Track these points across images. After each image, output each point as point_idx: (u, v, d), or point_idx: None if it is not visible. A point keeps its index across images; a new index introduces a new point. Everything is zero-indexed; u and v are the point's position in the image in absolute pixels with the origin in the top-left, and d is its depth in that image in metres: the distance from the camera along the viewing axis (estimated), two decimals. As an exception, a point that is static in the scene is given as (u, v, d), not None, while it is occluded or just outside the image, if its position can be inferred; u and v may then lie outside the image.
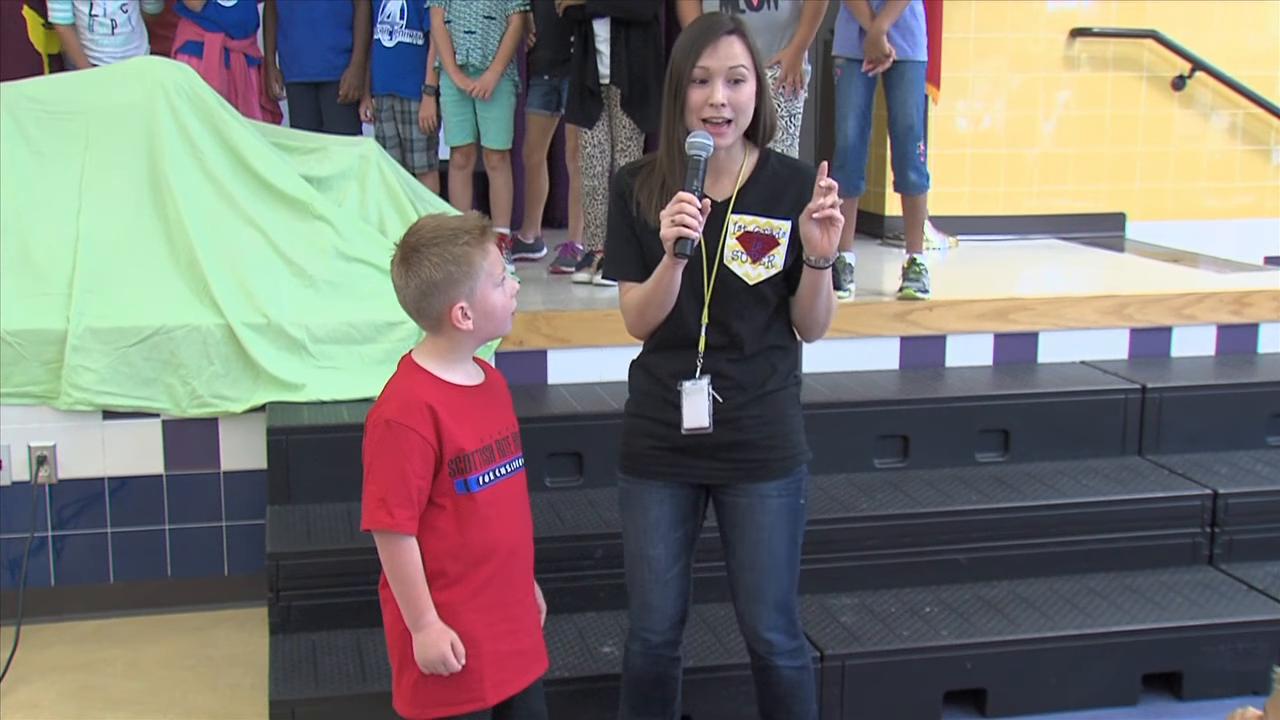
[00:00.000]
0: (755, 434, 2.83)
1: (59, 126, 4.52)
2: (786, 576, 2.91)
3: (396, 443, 2.52)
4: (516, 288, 2.67)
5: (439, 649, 2.54)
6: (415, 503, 2.53)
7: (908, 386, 4.62)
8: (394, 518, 2.51)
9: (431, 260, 2.53)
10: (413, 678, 2.64)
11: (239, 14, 5.63)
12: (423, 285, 2.55)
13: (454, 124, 5.56)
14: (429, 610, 2.56)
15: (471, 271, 2.55)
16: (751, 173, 2.81)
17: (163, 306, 4.27)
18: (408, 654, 2.62)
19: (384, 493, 2.52)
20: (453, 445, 2.55)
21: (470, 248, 2.54)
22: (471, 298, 2.56)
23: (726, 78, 2.72)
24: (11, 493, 4.23)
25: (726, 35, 2.73)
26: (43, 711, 3.71)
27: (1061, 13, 6.60)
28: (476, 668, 2.60)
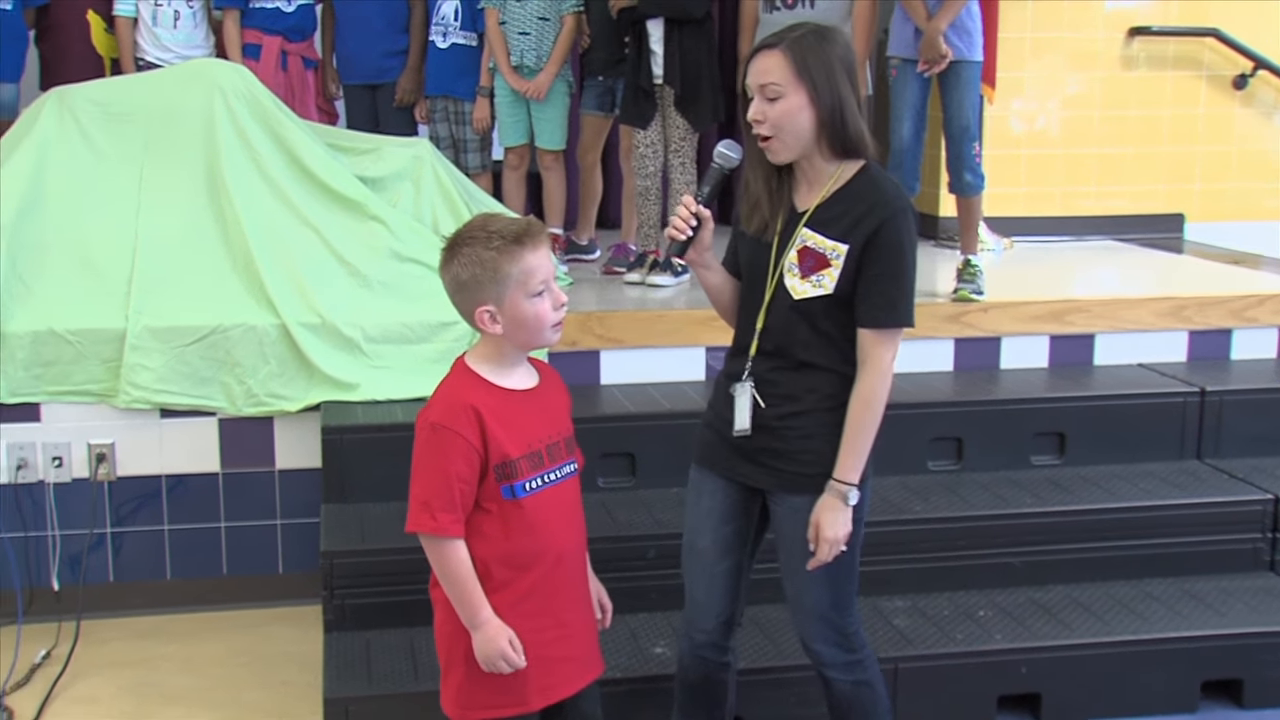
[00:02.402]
0: (792, 445, 2.80)
1: (119, 128, 4.58)
2: (826, 590, 2.86)
3: (441, 446, 2.52)
4: (562, 300, 2.60)
5: (497, 645, 2.53)
6: (459, 506, 2.52)
7: (962, 388, 4.59)
8: (436, 521, 2.51)
9: (461, 259, 2.53)
10: (458, 678, 2.64)
11: (297, 18, 5.67)
12: (452, 283, 2.56)
13: (508, 125, 5.58)
14: (484, 608, 2.54)
15: (497, 277, 2.51)
16: (839, 188, 2.76)
17: (219, 306, 4.31)
18: (455, 654, 2.62)
19: (427, 496, 2.52)
20: (498, 451, 2.53)
21: (499, 253, 2.50)
22: (499, 304, 2.53)
23: (762, 94, 2.71)
24: (72, 489, 4.28)
25: (763, 51, 2.72)
26: (101, 706, 3.75)
27: (1120, 12, 6.53)
28: (521, 673, 2.59)
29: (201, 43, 5.66)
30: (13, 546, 4.23)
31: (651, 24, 5.02)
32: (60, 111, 4.56)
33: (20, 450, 4.22)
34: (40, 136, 4.51)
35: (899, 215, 2.71)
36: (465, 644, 2.58)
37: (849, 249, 2.71)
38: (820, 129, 2.71)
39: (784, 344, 2.79)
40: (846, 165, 2.77)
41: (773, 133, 2.70)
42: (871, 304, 2.71)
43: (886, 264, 2.70)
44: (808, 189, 2.80)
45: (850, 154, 2.76)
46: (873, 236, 2.69)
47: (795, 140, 2.71)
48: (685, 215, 2.72)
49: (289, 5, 5.64)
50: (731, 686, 3.09)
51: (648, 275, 5.15)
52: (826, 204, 2.76)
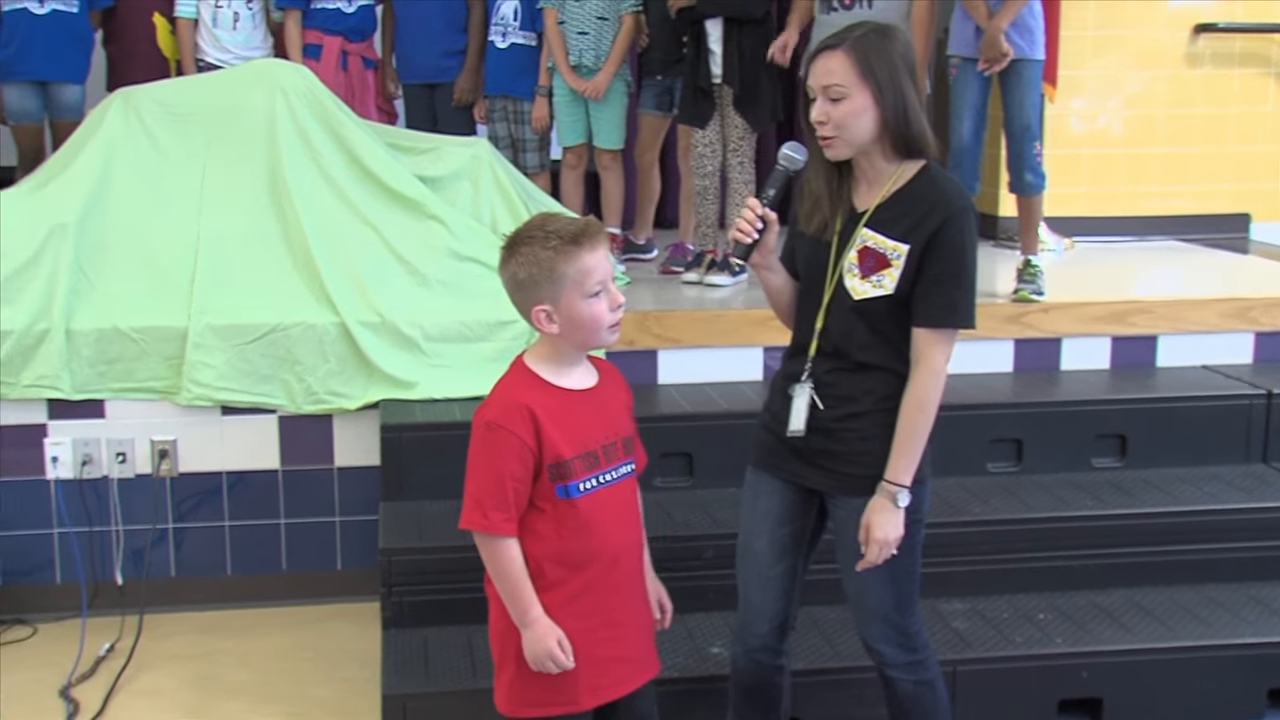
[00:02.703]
0: (849, 447, 2.79)
1: (183, 128, 4.63)
2: (888, 590, 2.85)
3: (495, 444, 2.51)
4: (620, 301, 2.58)
5: (546, 645, 2.53)
6: (512, 504, 2.52)
7: (1022, 389, 4.55)
8: (488, 519, 2.51)
9: (519, 258, 2.52)
10: (510, 675, 2.64)
11: (358, 18, 5.71)
12: (510, 281, 2.55)
13: (566, 124, 5.59)
14: (534, 607, 2.54)
15: (553, 277, 2.49)
16: (899, 188, 2.74)
17: (280, 305, 4.35)
18: (508, 651, 2.63)
19: (480, 494, 2.52)
20: (552, 451, 2.52)
21: (555, 253, 2.49)
22: (555, 304, 2.51)
23: (825, 95, 2.69)
24: (135, 485, 4.33)
25: (824, 52, 2.70)
26: (164, 699, 3.80)
27: (1185, 9, 6.44)
28: (572, 672, 2.58)
29: (260, 44, 5.72)
30: (78, 541, 4.29)
31: (710, 24, 5.01)
32: (125, 112, 4.62)
33: (85, 446, 4.28)
34: (106, 136, 4.57)
35: (961, 215, 2.69)
36: (517, 641, 2.58)
37: (910, 249, 2.69)
38: (883, 129, 2.69)
39: (843, 345, 2.78)
40: (907, 165, 2.75)
41: (836, 133, 2.69)
42: (930, 303, 2.69)
43: (947, 264, 2.68)
44: (867, 189, 2.78)
45: (912, 154, 2.74)
46: (934, 236, 2.67)
47: (859, 140, 2.70)
48: (751, 218, 2.71)
49: (349, 6, 5.68)
50: (786, 689, 3.07)
51: (705, 275, 5.15)
52: (887, 204, 2.74)
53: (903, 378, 2.74)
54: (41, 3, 5.35)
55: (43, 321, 4.22)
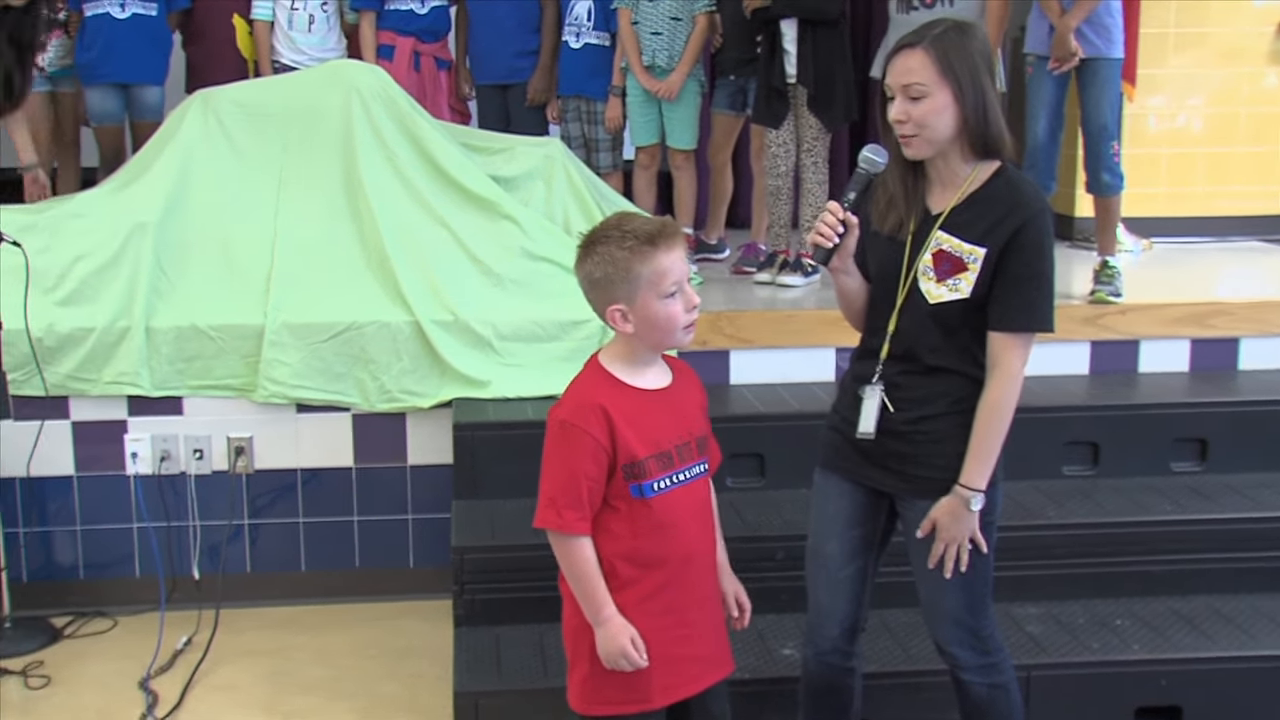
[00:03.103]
0: (921, 450, 2.76)
1: (260, 129, 4.69)
2: (961, 594, 2.82)
3: (569, 443, 2.52)
4: (695, 301, 2.57)
5: (619, 643, 2.53)
6: (586, 503, 2.52)
7: (1098, 392, 4.49)
8: (562, 518, 2.51)
9: (595, 257, 2.52)
10: (583, 673, 2.64)
11: (431, 19, 5.75)
12: (585, 280, 2.55)
13: (640, 124, 5.59)
14: (607, 605, 2.55)
15: (628, 277, 2.49)
16: (975, 190, 2.71)
17: (354, 303, 4.39)
18: (580, 648, 2.63)
19: (554, 493, 2.52)
20: (625, 451, 2.53)
21: (631, 253, 2.49)
22: (630, 304, 2.51)
23: (904, 94, 2.67)
24: (211, 481, 4.39)
25: (904, 50, 2.67)
26: (239, 693, 3.84)
27: (1269, 6, 6.33)
28: (645, 671, 2.58)
29: (334, 45, 5.78)
30: (156, 536, 4.35)
31: (785, 24, 4.99)
32: (205, 113, 4.68)
33: (164, 442, 4.34)
34: (186, 137, 4.64)
35: (1039, 217, 2.66)
36: (591, 638, 2.59)
37: (987, 252, 2.66)
38: (962, 127, 2.66)
39: (915, 348, 2.75)
40: (982, 166, 2.72)
41: (916, 131, 2.66)
42: (1007, 306, 2.66)
43: (1025, 267, 2.65)
44: (941, 190, 2.76)
45: (989, 154, 2.71)
46: (1011, 239, 2.64)
47: (939, 138, 2.67)
48: (832, 222, 2.68)
49: (422, 7, 5.72)
50: (857, 692, 3.05)
51: (778, 275, 5.13)
52: (962, 206, 2.71)
53: (975, 381, 2.72)
54: (122, 7, 5.44)
55: (123, 320, 4.29)
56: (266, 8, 5.66)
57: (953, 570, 2.74)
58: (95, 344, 4.26)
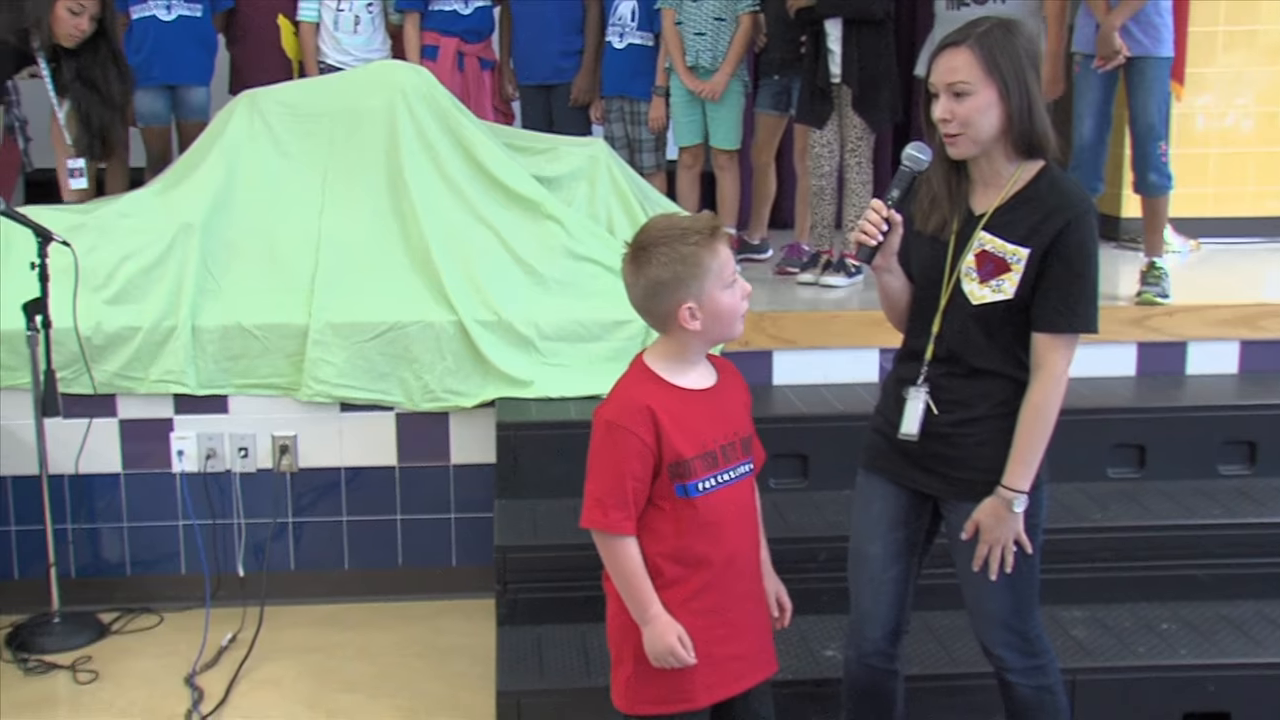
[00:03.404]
0: (965, 453, 2.75)
1: (305, 129, 4.71)
2: (1007, 596, 2.81)
3: (615, 444, 2.52)
4: (748, 290, 2.60)
5: (666, 641, 2.53)
6: (631, 504, 2.53)
7: (1145, 394, 4.45)
8: (608, 518, 2.52)
9: (659, 259, 2.51)
10: (627, 672, 2.64)
11: (475, 19, 5.76)
12: (650, 284, 2.53)
13: (683, 124, 5.58)
14: (653, 604, 2.55)
15: (699, 271, 2.50)
16: (1018, 190, 2.70)
17: (398, 303, 4.40)
18: (625, 648, 2.63)
19: (600, 493, 2.53)
20: (671, 450, 2.53)
21: (699, 247, 2.50)
22: (700, 298, 2.52)
23: (949, 92, 2.65)
24: (256, 480, 4.42)
25: (949, 48, 2.66)
26: (283, 689, 3.86)
27: (1321, 5, 6.26)
28: (689, 670, 2.58)
29: (380, 46, 5.80)
30: (202, 533, 4.39)
31: (829, 24, 4.97)
32: (251, 113, 4.71)
33: (209, 440, 4.37)
34: (232, 138, 4.67)
35: (1083, 218, 2.64)
36: (636, 637, 2.59)
37: (1030, 253, 2.65)
38: (1007, 126, 2.65)
39: (958, 349, 2.74)
40: (1026, 166, 2.71)
41: (961, 130, 2.65)
42: (1050, 308, 2.65)
43: (1068, 268, 2.63)
44: (984, 191, 2.74)
45: (1033, 153, 2.69)
46: (1055, 240, 2.62)
47: (983, 137, 2.66)
48: (876, 220, 2.67)
49: (466, 7, 5.73)
50: (900, 694, 3.04)
51: (821, 275, 5.12)
52: (1005, 207, 2.70)
53: (1019, 383, 2.71)
54: (169, 9, 5.48)
55: (170, 318, 4.32)
56: (312, 9, 5.69)
57: (998, 573, 2.72)
58: (142, 343, 4.30)
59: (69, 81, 4.80)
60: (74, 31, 4.65)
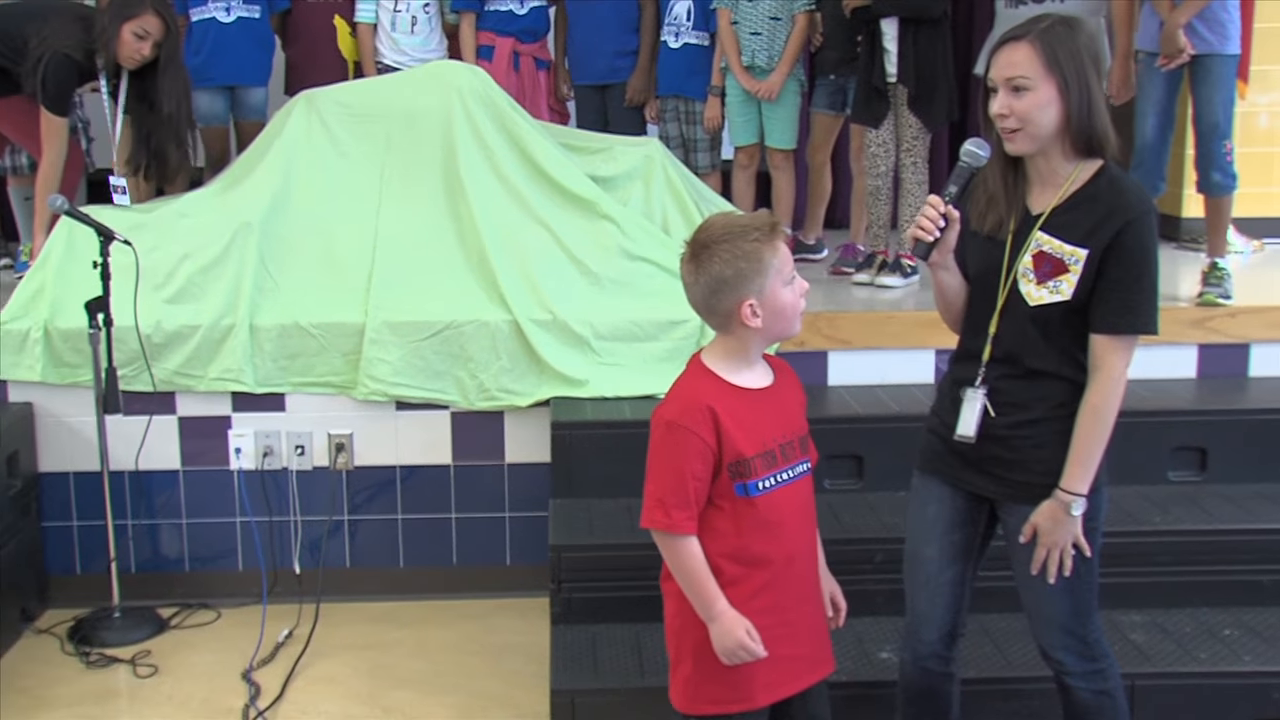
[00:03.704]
0: (1023, 455, 2.73)
1: (363, 129, 4.74)
2: (1067, 600, 2.78)
3: (676, 444, 2.52)
4: (806, 287, 2.60)
5: (735, 635, 2.52)
6: (693, 503, 2.52)
7: (1206, 396, 4.39)
8: (671, 519, 2.51)
9: (721, 256, 2.50)
10: (686, 672, 2.64)
11: (530, 19, 5.78)
12: (712, 282, 2.52)
13: (739, 124, 5.57)
14: (719, 600, 2.53)
15: (761, 268, 2.50)
16: (1077, 190, 2.67)
17: (454, 302, 4.42)
18: (684, 647, 2.63)
19: (662, 493, 2.52)
20: (732, 449, 2.52)
21: (760, 244, 2.50)
22: (761, 295, 2.52)
23: (1008, 87, 2.63)
24: (312, 477, 4.45)
25: (1009, 43, 2.64)
26: (338, 686, 3.89)
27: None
28: (748, 670, 2.58)
29: (436, 46, 5.83)
30: (259, 530, 4.42)
31: (885, 23, 4.95)
32: (309, 114, 4.75)
33: (266, 438, 4.41)
34: (290, 138, 4.71)
35: (1143, 218, 2.61)
36: (694, 637, 2.59)
37: (1089, 254, 2.62)
38: (1066, 123, 2.62)
39: (1016, 351, 2.72)
40: (1083, 165, 2.68)
41: (1020, 126, 2.63)
42: (1109, 308, 2.62)
43: (1128, 268, 2.60)
44: (1041, 190, 2.72)
45: (1092, 152, 2.67)
46: (1114, 241, 2.59)
47: (1042, 134, 2.63)
48: (934, 215, 2.65)
49: (521, 7, 5.75)
50: (955, 697, 3.02)
51: (876, 276, 5.09)
52: (1063, 207, 2.67)
53: (1077, 385, 2.68)
54: (228, 10, 5.53)
55: (229, 317, 4.36)
56: (370, 10, 5.73)
57: (1056, 576, 2.70)
58: (201, 341, 4.34)
59: (131, 101, 4.88)
60: (136, 55, 4.75)
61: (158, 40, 4.77)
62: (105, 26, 4.70)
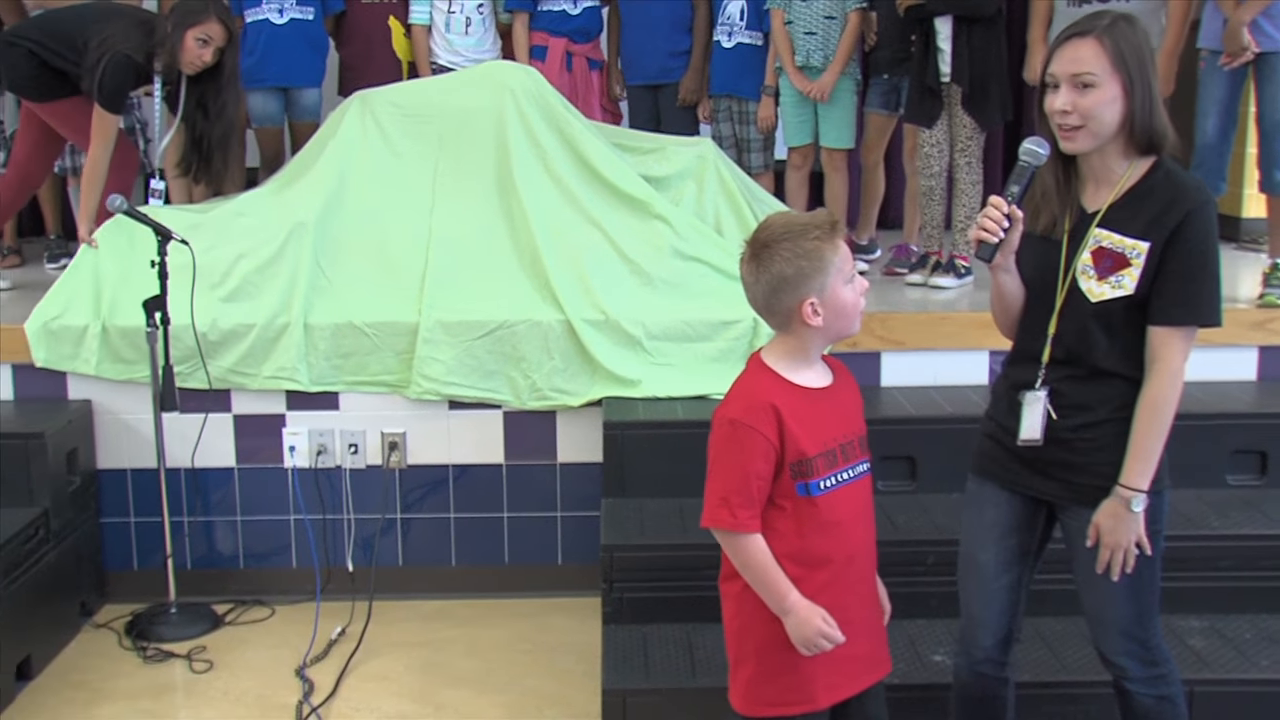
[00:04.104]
0: (1088, 458, 2.69)
1: (416, 129, 4.77)
2: (1129, 604, 2.75)
3: (740, 443, 2.51)
4: (866, 286, 2.59)
5: (813, 624, 2.51)
6: (757, 502, 2.51)
7: (1267, 399, 4.33)
8: (736, 518, 2.50)
9: (782, 255, 2.49)
10: (748, 673, 2.63)
11: (583, 19, 5.78)
12: (773, 281, 2.52)
13: (793, 124, 5.54)
14: (791, 592, 2.52)
15: (822, 266, 2.49)
16: (1132, 186, 2.65)
17: (507, 302, 4.43)
18: (746, 649, 2.62)
19: (726, 492, 2.51)
20: (794, 448, 2.51)
21: (821, 242, 2.49)
22: (822, 294, 2.51)
23: (1071, 83, 2.60)
24: (365, 476, 4.48)
25: (1075, 39, 2.61)
26: (391, 683, 3.91)
27: None
28: (809, 670, 2.57)
29: (490, 47, 5.84)
30: (312, 528, 4.45)
31: (939, 21, 4.92)
32: (363, 114, 4.78)
33: (320, 437, 4.44)
34: (345, 138, 4.74)
35: (1203, 209, 2.58)
36: (757, 638, 2.58)
37: (1150, 246, 2.59)
38: (1127, 121, 2.60)
39: (1077, 351, 2.69)
40: (1137, 163, 2.65)
41: (1083, 123, 2.60)
42: (1168, 300, 2.59)
43: (1189, 260, 2.57)
44: (1095, 188, 2.69)
45: (1149, 149, 2.64)
46: (1175, 232, 2.57)
47: (1105, 131, 2.61)
48: (997, 217, 2.61)
49: (575, 7, 5.76)
50: (1010, 702, 2.99)
51: (930, 276, 5.06)
52: (1120, 202, 2.64)
53: (1137, 384, 2.65)
54: (281, 12, 5.57)
55: (283, 316, 4.39)
56: (424, 11, 5.75)
57: (1120, 575, 2.67)
58: (256, 339, 4.37)
59: (188, 105, 4.93)
60: (197, 61, 4.79)
61: (220, 46, 4.81)
62: (169, 32, 4.76)
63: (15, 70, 4.94)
